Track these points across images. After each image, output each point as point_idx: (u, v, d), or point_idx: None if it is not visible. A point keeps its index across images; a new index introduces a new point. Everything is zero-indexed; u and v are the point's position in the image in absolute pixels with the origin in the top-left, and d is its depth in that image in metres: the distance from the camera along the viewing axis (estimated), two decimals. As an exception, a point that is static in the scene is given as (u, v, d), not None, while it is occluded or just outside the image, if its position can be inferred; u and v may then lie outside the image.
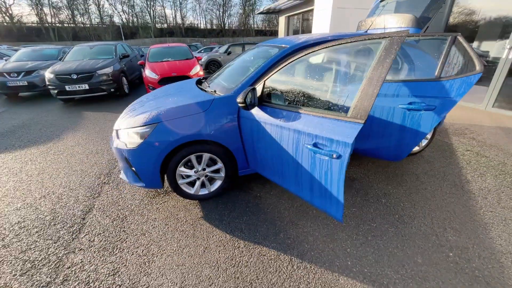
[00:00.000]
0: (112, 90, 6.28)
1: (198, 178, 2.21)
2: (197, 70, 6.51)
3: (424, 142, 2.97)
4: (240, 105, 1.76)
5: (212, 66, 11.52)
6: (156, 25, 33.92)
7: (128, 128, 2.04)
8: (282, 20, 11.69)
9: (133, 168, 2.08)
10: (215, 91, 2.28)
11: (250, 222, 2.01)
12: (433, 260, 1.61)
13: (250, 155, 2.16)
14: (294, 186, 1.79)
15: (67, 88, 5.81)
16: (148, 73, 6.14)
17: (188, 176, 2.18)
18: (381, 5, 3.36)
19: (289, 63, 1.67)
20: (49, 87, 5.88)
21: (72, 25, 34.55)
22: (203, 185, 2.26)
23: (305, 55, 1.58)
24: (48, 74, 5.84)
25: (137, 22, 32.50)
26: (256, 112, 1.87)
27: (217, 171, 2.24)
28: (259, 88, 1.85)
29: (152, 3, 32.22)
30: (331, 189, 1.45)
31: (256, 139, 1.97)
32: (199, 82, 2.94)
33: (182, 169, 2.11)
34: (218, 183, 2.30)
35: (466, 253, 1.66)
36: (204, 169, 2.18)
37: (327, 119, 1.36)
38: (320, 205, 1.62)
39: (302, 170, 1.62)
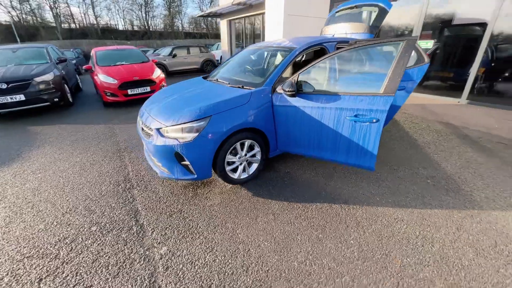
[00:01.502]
0: (56, 100, 5.38)
1: (240, 164, 2.49)
2: (158, 73, 6.31)
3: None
4: (288, 93, 2.19)
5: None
6: (63, 25, 28.49)
7: (179, 124, 2.14)
8: (224, 23, 12.09)
9: (185, 162, 2.20)
10: (242, 86, 2.59)
11: (294, 191, 2.45)
12: (422, 186, 2.45)
13: (282, 137, 2.58)
14: (330, 153, 2.33)
15: (-6, 100, 4.69)
16: (103, 78, 5.59)
17: (233, 163, 2.44)
18: (337, 15, 4.27)
19: (322, 60, 2.20)
20: (-36, 101, 4.61)
21: None
22: (242, 170, 2.54)
23: (336, 54, 2.14)
24: (-38, 85, 4.56)
25: (34, 21, 26.42)
26: (293, 98, 2.32)
27: (253, 155, 2.57)
28: (294, 80, 2.30)
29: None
30: (368, 146, 2.05)
31: (292, 122, 2.41)
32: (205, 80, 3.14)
33: (229, 157, 2.36)
34: (254, 166, 2.62)
35: (435, 178, 2.57)
36: (245, 155, 2.48)
37: (365, 96, 1.96)
38: (355, 162, 2.22)
39: (341, 138, 2.17)
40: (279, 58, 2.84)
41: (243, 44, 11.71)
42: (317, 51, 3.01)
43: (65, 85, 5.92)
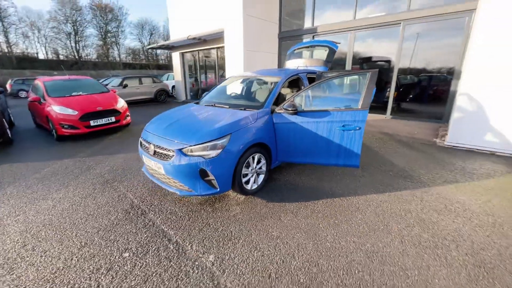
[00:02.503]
0: (-6, 136, 4.58)
1: (252, 175, 2.80)
2: (122, 103, 6.11)
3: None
4: (291, 112, 2.71)
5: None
6: (-41, 52, 23.17)
7: (203, 142, 2.37)
8: (176, 55, 12.41)
9: (209, 177, 2.40)
10: (244, 108, 3.00)
11: (300, 193, 2.88)
12: (387, 177, 3.24)
13: (282, 149, 3.03)
14: (324, 158, 2.89)
15: None
16: (59, 110, 5.11)
17: (246, 175, 2.73)
18: (295, 52, 5.25)
19: (312, 85, 2.84)
20: None
21: None
22: (253, 181, 2.85)
23: (323, 80, 2.81)
24: None
25: None
26: (292, 116, 2.84)
27: (260, 167, 2.92)
28: (291, 101, 2.85)
29: None
30: (353, 148, 2.70)
31: (292, 135, 2.90)
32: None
33: (244, 169, 2.65)
34: (261, 177, 2.96)
35: (393, 171, 3.43)
36: (255, 167, 2.81)
37: (349, 111, 2.64)
38: (344, 162, 2.83)
39: (332, 144, 2.77)
40: (267, 86, 3.40)
41: (198, 75, 12.18)
42: (294, 79, 3.73)
43: (3, 120, 5.09)
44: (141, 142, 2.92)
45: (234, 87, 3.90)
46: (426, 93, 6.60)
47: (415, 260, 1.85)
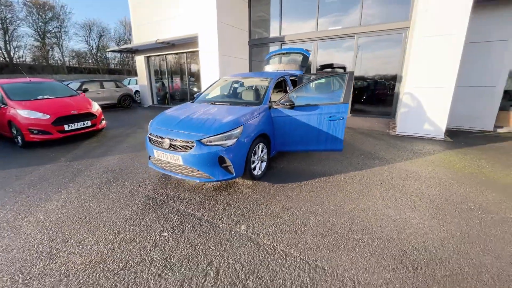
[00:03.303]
0: None
1: (258, 163, 3.20)
2: (97, 106, 5.86)
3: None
4: (288, 106, 3.21)
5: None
6: None
7: (221, 133, 2.69)
8: (140, 59, 11.96)
9: (226, 164, 2.72)
10: (246, 105, 3.39)
11: (297, 175, 3.38)
12: (362, 159, 3.98)
13: (278, 140, 3.51)
14: (314, 145, 3.46)
15: None
16: (26, 114, 4.73)
17: (253, 162, 3.12)
18: (273, 57, 5.84)
19: (303, 84, 3.39)
20: None
21: None
22: (258, 168, 3.24)
23: (311, 80, 3.38)
24: None
25: None
26: (288, 110, 3.34)
27: (263, 156, 3.33)
28: (287, 98, 3.36)
29: None
30: (338, 135, 3.33)
31: (288, 127, 3.40)
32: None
33: (252, 157, 3.04)
34: (264, 164, 3.37)
35: (365, 154, 4.20)
36: (260, 155, 3.22)
37: (334, 104, 3.25)
38: (330, 147, 3.43)
39: (321, 133, 3.35)
40: (261, 85, 3.86)
41: (166, 79, 11.95)
42: (280, 81, 4.27)
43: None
44: (150, 138, 3.06)
45: (228, 88, 4.25)
46: (377, 94, 7.90)
47: (395, 210, 2.50)
